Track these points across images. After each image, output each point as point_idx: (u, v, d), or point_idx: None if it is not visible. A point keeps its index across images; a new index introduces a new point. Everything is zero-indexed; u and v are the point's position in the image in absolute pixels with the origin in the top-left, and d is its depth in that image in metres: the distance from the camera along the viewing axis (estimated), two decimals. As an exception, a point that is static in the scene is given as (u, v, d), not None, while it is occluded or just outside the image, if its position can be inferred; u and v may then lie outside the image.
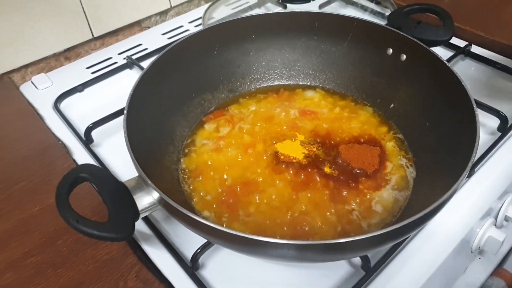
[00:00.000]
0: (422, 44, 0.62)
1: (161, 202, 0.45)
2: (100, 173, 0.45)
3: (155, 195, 0.45)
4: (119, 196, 0.43)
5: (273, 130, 0.67)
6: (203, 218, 0.42)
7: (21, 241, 0.56)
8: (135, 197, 0.45)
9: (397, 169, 0.61)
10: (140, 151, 0.52)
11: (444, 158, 0.56)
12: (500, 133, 0.69)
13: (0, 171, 0.65)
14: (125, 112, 0.52)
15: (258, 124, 0.68)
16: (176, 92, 0.66)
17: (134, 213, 0.44)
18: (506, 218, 0.70)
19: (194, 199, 0.59)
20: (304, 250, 0.40)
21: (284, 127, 0.67)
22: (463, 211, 0.60)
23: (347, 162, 0.61)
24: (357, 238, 0.39)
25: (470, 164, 0.46)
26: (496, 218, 0.69)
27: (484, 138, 0.70)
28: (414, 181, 0.60)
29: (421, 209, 0.42)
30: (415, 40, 0.63)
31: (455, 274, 0.74)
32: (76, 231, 0.40)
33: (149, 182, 0.44)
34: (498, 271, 0.81)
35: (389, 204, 0.57)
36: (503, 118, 0.69)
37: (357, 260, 0.54)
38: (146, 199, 0.46)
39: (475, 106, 0.52)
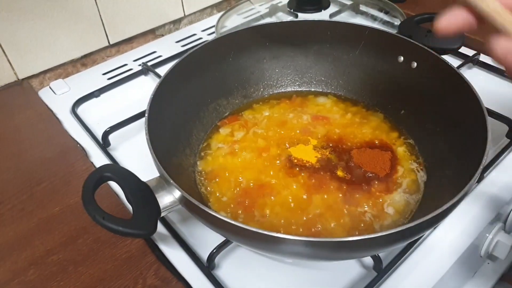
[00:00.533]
0: (433, 52, 0.64)
1: (182, 200, 0.46)
2: (123, 173, 0.47)
3: (176, 193, 0.47)
4: (142, 194, 0.45)
5: (286, 135, 0.69)
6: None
7: (43, 239, 0.58)
8: (157, 195, 0.47)
9: (408, 173, 0.63)
10: (160, 152, 0.53)
11: (454, 163, 0.57)
12: (509, 140, 0.70)
13: (23, 172, 0.67)
14: (146, 114, 0.54)
15: (272, 129, 0.70)
16: (193, 97, 0.68)
17: (157, 211, 0.45)
18: (516, 223, 0.71)
19: (211, 200, 0.60)
20: (318, 247, 0.41)
21: (297, 131, 0.69)
22: (472, 215, 0.62)
23: (359, 166, 0.62)
24: (368, 236, 0.40)
25: (480, 169, 0.47)
26: (505, 223, 0.70)
27: (493, 145, 0.71)
28: (425, 185, 0.61)
29: (432, 211, 0.43)
30: (426, 48, 0.64)
31: (464, 278, 0.75)
32: (102, 227, 0.41)
33: (171, 181, 0.45)
34: (506, 276, 0.81)
35: (400, 206, 0.59)
36: (511, 125, 0.70)
37: (369, 261, 0.56)
38: (167, 198, 0.47)
39: (486, 114, 0.53)
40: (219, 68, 0.72)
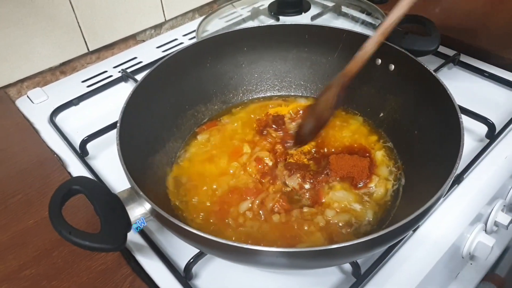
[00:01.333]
0: (410, 55, 0.64)
1: (153, 212, 0.46)
2: (93, 185, 0.46)
3: (147, 206, 0.46)
4: (111, 207, 0.44)
5: (265, 139, 0.68)
6: (195, 227, 0.43)
7: (17, 254, 0.57)
8: (127, 208, 0.46)
9: (386, 177, 0.62)
10: (133, 162, 0.53)
11: (431, 165, 0.57)
12: (488, 140, 0.70)
13: (-3, 184, 0.66)
14: (118, 125, 0.53)
15: (250, 133, 0.70)
16: (169, 105, 0.67)
17: (127, 224, 0.45)
18: (496, 224, 0.71)
19: (187, 208, 0.59)
20: (293, 257, 0.41)
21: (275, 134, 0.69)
22: (452, 217, 0.62)
23: (336, 172, 0.62)
24: (344, 244, 0.40)
25: (454, 171, 0.47)
26: (486, 224, 0.70)
27: (472, 145, 0.71)
28: (403, 189, 0.61)
29: (410, 215, 0.43)
30: (403, 50, 0.64)
31: (447, 279, 0.75)
32: (69, 242, 0.41)
33: (141, 193, 0.45)
34: (489, 276, 0.81)
35: (379, 211, 0.58)
36: (490, 125, 0.70)
37: (348, 267, 0.55)
38: (138, 210, 0.47)
39: (459, 113, 0.53)
40: (197, 74, 0.72)
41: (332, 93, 0.61)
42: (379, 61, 0.69)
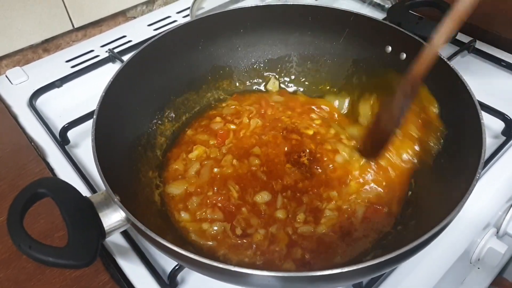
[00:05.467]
0: (424, 42, 0.57)
1: (129, 221, 0.40)
2: (61, 188, 0.40)
3: (123, 212, 0.40)
4: (82, 215, 0.39)
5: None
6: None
7: (-17, 255, 0.52)
8: (101, 214, 0.40)
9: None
10: (113, 158, 0.47)
11: (445, 168, 0.52)
12: (504, 138, 0.64)
13: (-36, 176, 0.60)
14: (94, 116, 0.48)
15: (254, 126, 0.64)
16: (156, 91, 0.61)
17: (99, 234, 0.39)
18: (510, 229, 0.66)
19: (178, 205, 0.55)
20: (288, 281, 0.35)
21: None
22: (465, 222, 0.56)
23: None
24: (349, 269, 0.35)
25: (471, 188, 0.41)
26: (498, 228, 0.65)
27: (487, 143, 0.65)
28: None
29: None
30: (416, 37, 0.58)
31: (453, 285, 0.70)
32: (29, 258, 0.35)
33: (116, 199, 0.39)
34: (497, 280, 0.77)
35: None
36: (508, 122, 0.64)
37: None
38: (114, 217, 0.41)
39: (480, 111, 0.47)
40: (188, 58, 0.65)
41: (395, 106, 0.52)
42: (390, 48, 0.62)
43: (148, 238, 0.37)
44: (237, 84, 0.70)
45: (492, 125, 0.66)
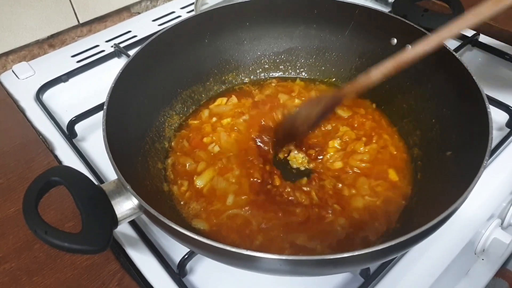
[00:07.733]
0: (430, 34, 0.57)
1: (141, 208, 0.41)
2: (74, 176, 0.41)
3: (135, 200, 0.41)
4: (95, 202, 0.39)
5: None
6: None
7: (-5, 245, 0.52)
8: (113, 202, 0.41)
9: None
10: (123, 150, 0.48)
11: (450, 161, 0.52)
12: (509, 129, 0.65)
13: (-25, 168, 0.61)
14: (105, 107, 0.48)
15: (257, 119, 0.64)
16: (163, 84, 0.62)
17: (112, 221, 0.40)
18: (513, 220, 0.66)
19: (184, 197, 0.55)
20: (296, 265, 0.36)
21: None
22: (470, 213, 0.57)
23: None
24: (353, 253, 0.35)
25: (476, 180, 0.41)
26: (503, 219, 0.66)
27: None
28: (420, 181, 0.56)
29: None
30: (422, 29, 0.58)
31: (457, 276, 0.71)
32: (44, 243, 0.36)
33: (128, 187, 0.39)
34: (501, 271, 0.77)
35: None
36: (512, 113, 0.65)
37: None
38: (126, 205, 0.42)
39: (487, 104, 0.48)
40: (194, 51, 0.66)
41: (317, 110, 0.54)
42: (395, 40, 0.63)
43: (161, 224, 0.38)
44: (243, 77, 0.71)
45: (496, 117, 0.66)
